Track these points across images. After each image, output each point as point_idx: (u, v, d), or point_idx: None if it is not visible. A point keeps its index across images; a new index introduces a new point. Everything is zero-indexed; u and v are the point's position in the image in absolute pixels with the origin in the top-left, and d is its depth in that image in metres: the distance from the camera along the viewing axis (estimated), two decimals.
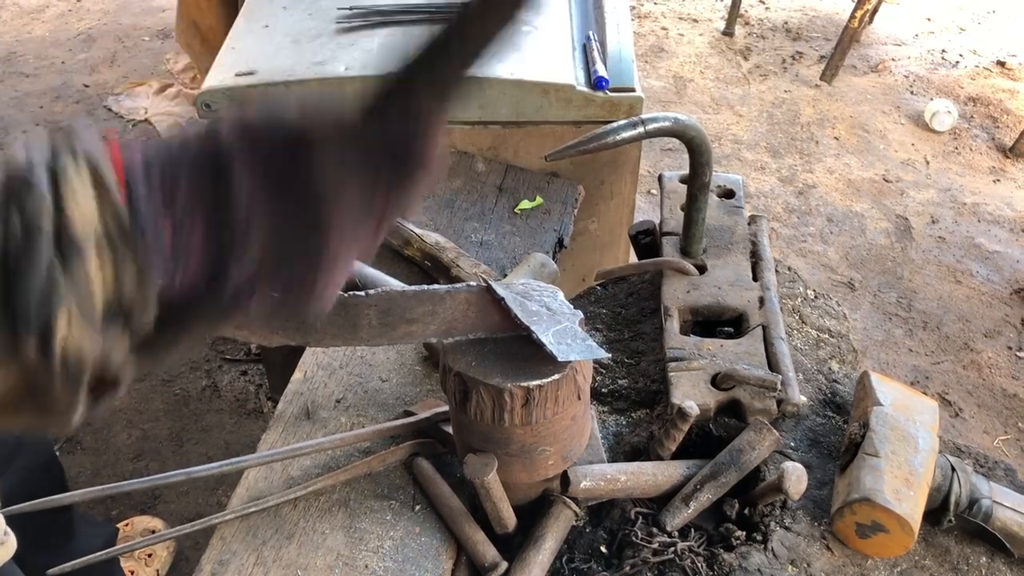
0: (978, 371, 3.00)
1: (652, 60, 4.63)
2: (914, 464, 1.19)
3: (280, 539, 1.18)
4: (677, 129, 1.40)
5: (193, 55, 3.69)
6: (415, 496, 1.25)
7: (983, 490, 1.21)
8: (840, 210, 3.69)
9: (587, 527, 1.23)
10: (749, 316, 1.46)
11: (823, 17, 5.09)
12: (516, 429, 1.07)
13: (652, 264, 1.57)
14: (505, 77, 1.97)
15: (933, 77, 4.57)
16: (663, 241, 1.61)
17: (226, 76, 2.00)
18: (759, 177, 3.83)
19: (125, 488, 1.17)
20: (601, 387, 1.44)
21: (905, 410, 1.26)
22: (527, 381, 1.04)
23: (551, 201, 1.89)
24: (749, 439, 1.23)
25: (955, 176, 3.91)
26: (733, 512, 1.23)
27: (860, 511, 1.14)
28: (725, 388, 1.34)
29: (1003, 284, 3.36)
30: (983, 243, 3.54)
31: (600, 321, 1.58)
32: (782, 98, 4.38)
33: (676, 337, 1.43)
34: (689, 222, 1.54)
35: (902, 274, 3.39)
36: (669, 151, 3.93)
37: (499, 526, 1.19)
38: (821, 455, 1.32)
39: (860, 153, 4.02)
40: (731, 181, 1.74)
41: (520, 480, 1.15)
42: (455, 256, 1.55)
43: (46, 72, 4.46)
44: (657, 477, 1.24)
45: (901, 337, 3.12)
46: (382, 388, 1.40)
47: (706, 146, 1.44)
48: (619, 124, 1.37)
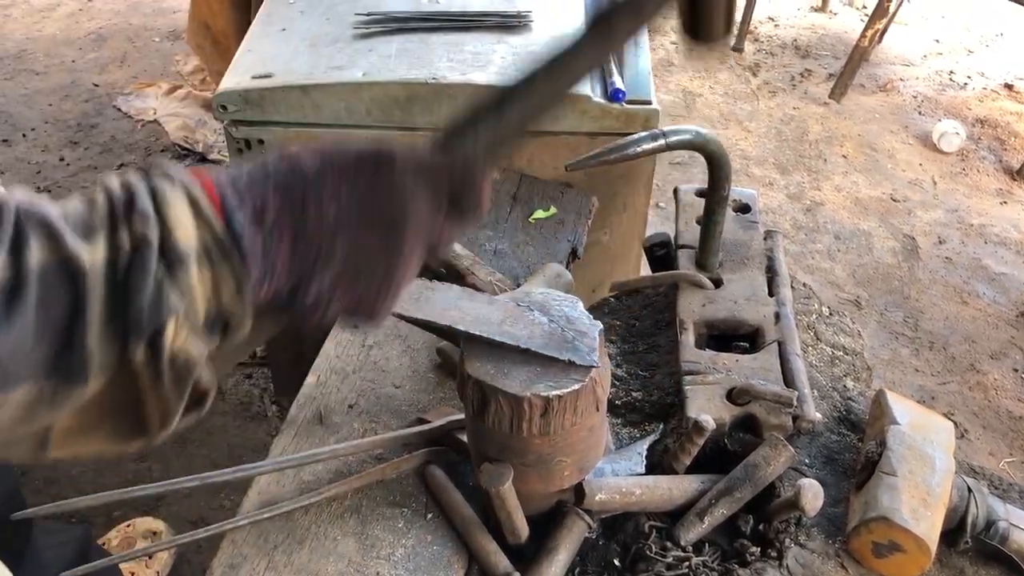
0: (984, 392, 2.99)
1: (661, 74, 4.64)
2: (931, 484, 1.18)
3: (291, 544, 1.17)
4: (698, 142, 1.40)
5: (203, 57, 3.70)
6: (427, 504, 1.24)
7: (999, 512, 1.21)
8: (847, 228, 3.69)
9: (600, 540, 1.23)
10: (765, 331, 1.45)
11: (832, 35, 5.10)
12: (534, 439, 1.07)
13: (668, 277, 1.57)
14: None
15: (941, 98, 4.57)
16: (678, 254, 1.61)
17: (242, 78, 2.00)
18: (767, 193, 3.83)
19: (136, 493, 1.16)
20: (615, 399, 1.43)
21: (922, 429, 1.26)
22: (546, 390, 1.03)
23: (565, 211, 1.89)
24: (764, 455, 1.23)
25: (962, 197, 3.91)
26: (748, 528, 1.23)
27: (877, 530, 1.14)
28: (740, 403, 1.33)
29: (1009, 306, 3.36)
30: (990, 264, 3.54)
31: (614, 333, 1.58)
32: (791, 115, 4.38)
33: (691, 350, 1.42)
34: (706, 235, 1.54)
35: (909, 293, 3.39)
36: (678, 165, 3.93)
37: (512, 536, 1.18)
38: (836, 472, 1.31)
39: (868, 172, 4.03)
40: (746, 196, 1.74)
41: (535, 490, 1.14)
42: (470, 264, 1.55)
43: (56, 70, 4.47)
44: (672, 491, 1.23)
45: (907, 356, 3.12)
46: (395, 394, 1.40)
47: (725, 160, 1.44)
48: (640, 136, 1.37)
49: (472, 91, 1.98)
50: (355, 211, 0.67)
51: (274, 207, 0.65)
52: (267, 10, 2.31)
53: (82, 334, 0.58)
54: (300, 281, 0.67)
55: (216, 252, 0.62)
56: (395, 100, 1.99)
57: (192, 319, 0.61)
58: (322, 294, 0.68)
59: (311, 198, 0.66)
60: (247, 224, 0.64)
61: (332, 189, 0.67)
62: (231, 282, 0.63)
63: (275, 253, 0.65)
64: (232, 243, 0.63)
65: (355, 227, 0.67)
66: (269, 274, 0.65)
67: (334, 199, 0.67)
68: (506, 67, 2.04)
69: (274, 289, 0.66)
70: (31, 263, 0.56)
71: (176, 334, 0.60)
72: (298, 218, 0.66)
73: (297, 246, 0.66)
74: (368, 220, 0.68)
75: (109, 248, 0.59)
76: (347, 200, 0.67)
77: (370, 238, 0.68)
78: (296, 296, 0.67)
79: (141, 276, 0.59)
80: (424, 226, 0.71)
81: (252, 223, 0.64)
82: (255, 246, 0.64)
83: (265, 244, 0.64)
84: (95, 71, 4.47)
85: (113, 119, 4.11)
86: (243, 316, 0.64)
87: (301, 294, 0.67)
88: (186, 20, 3.65)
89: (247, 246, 0.63)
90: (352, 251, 0.68)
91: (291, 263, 0.66)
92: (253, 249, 0.64)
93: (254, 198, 0.65)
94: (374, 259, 0.69)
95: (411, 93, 1.98)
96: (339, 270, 0.67)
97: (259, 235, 0.64)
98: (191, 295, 0.61)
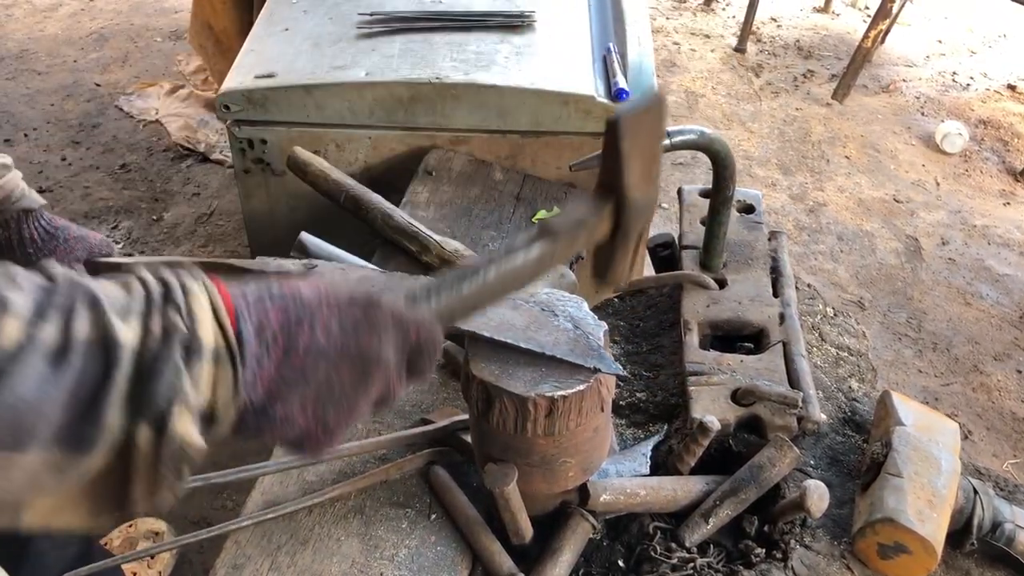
0: (987, 394, 2.98)
1: (664, 75, 4.63)
2: (937, 485, 1.18)
3: (295, 544, 1.17)
4: (703, 142, 1.40)
5: (205, 57, 3.70)
6: (431, 505, 1.24)
7: (1005, 514, 1.20)
8: (850, 229, 3.68)
9: (605, 541, 1.22)
10: (769, 332, 1.45)
11: (834, 36, 5.10)
12: (538, 439, 1.06)
13: (672, 277, 1.57)
14: (525, 87, 1.97)
15: (944, 99, 4.57)
16: (682, 255, 1.61)
17: (245, 78, 2.00)
18: (770, 194, 3.83)
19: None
20: (619, 400, 1.43)
21: (927, 431, 1.25)
22: (551, 391, 1.02)
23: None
24: (769, 456, 1.22)
25: (965, 198, 3.90)
26: (753, 529, 1.22)
27: (883, 531, 1.13)
28: (745, 404, 1.32)
29: (1012, 307, 3.35)
30: (993, 265, 3.54)
31: (618, 333, 1.57)
32: (793, 116, 4.38)
33: (696, 351, 1.42)
34: (710, 236, 1.53)
35: (912, 295, 3.38)
36: (680, 165, 3.93)
37: (516, 537, 1.18)
38: (841, 473, 1.31)
39: (870, 173, 4.02)
40: (750, 196, 1.74)
41: (539, 491, 1.14)
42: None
43: (58, 70, 4.46)
44: (676, 492, 1.22)
45: (911, 358, 3.11)
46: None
47: (730, 160, 1.43)
48: None
49: (475, 91, 1.97)
50: (339, 344, 0.73)
51: (273, 324, 0.71)
52: (269, 10, 2.30)
53: (103, 407, 0.61)
54: (274, 396, 0.71)
55: (224, 354, 0.67)
56: (398, 100, 1.99)
57: (194, 409, 0.65)
58: (289, 412, 0.72)
59: (305, 324, 0.72)
60: (251, 335, 0.69)
61: (324, 320, 0.73)
62: (230, 383, 0.67)
63: (264, 366, 0.70)
64: (238, 349, 0.68)
65: (335, 359, 0.73)
66: (254, 382, 0.70)
67: (324, 330, 0.73)
68: (509, 67, 2.03)
69: (250, 399, 0.70)
70: (79, 333, 0.61)
71: (181, 419, 0.64)
72: (291, 339, 0.71)
73: (284, 364, 0.71)
74: (347, 356, 0.74)
75: (143, 330, 0.64)
76: (335, 333, 0.73)
77: (344, 372, 0.74)
78: (265, 410, 0.71)
79: (165, 361, 0.63)
80: (387, 373, 0.77)
81: (254, 335, 0.70)
82: (252, 356, 0.69)
83: (259, 356, 0.70)
84: (97, 71, 4.47)
85: (115, 119, 4.11)
86: (228, 416, 0.69)
87: (271, 408, 0.71)
88: (188, 20, 3.65)
89: (248, 354, 0.69)
90: (327, 379, 0.73)
91: (274, 378, 0.71)
92: (251, 358, 0.69)
93: (258, 312, 0.71)
94: (342, 392, 0.74)
95: (414, 93, 1.98)
96: (311, 394, 0.73)
97: (258, 347, 0.70)
98: (199, 387, 0.65)
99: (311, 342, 0.72)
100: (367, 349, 0.75)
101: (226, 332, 0.68)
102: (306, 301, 0.74)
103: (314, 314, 0.73)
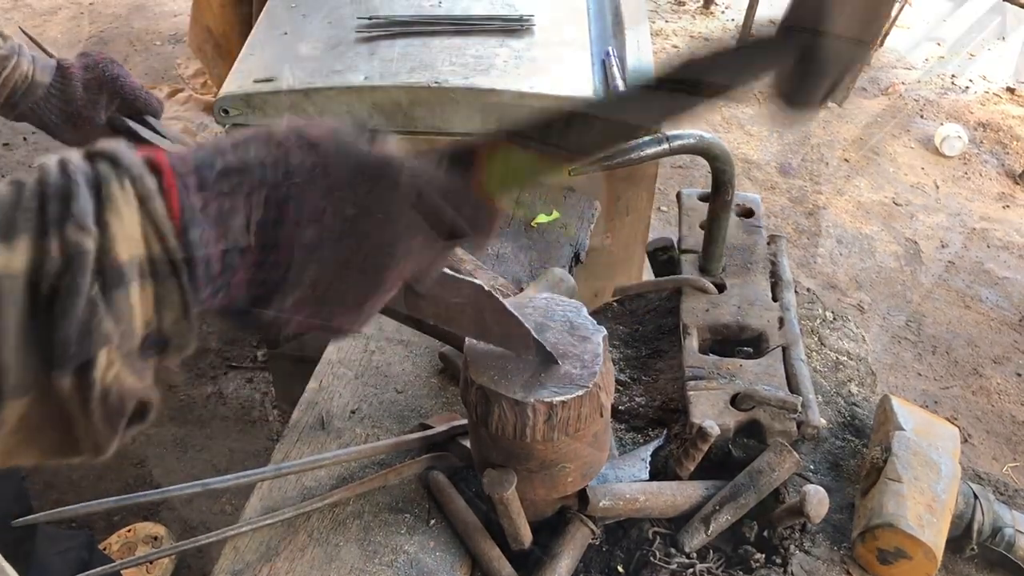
0: (987, 397, 2.98)
1: None
2: (937, 490, 1.17)
3: (294, 550, 1.16)
4: (701, 146, 1.39)
5: (205, 60, 3.70)
6: (430, 510, 1.23)
7: (1006, 519, 1.20)
8: (850, 232, 3.68)
9: (604, 546, 1.22)
10: (769, 336, 1.45)
11: None
12: (537, 445, 1.06)
13: (671, 281, 1.56)
14: (524, 90, 1.97)
15: (943, 102, 4.57)
16: (682, 259, 1.60)
17: (244, 82, 2.00)
18: (769, 197, 3.83)
19: (139, 499, 1.16)
20: (619, 404, 1.42)
21: (927, 435, 1.25)
22: (550, 396, 1.02)
23: (568, 215, 1.88)
24: (769, 460, 1.22)
25: (964, 201, 3.91)
26: (752, 534, 1.22)
27: (883, 537, 1.13)
28: (745, 408, 1.32)
29: (1012, 310, 3.35)
30: (992, 268, 3.54)
31: (617, 337, 1.57)
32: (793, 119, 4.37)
33: (695, 355, 1.41)
34: (710, 240, 1.53)
35: (911, 298, 3.38)
36: (679, 168, 3.93)
37: (515, 542, 1.18)
38: (840, 478, 1.31)
39: (870, 176, 4.02)
40: (750, 200, 1.74)
41: (539, 497, 1.14)
42: (473, 268, 1.54)
43: None
44: (676, 497, 1.22)
45: (910, 361, 3.11)
46: (397, 399, 1.39)
47: (730, 164, 1.43)
48: (644, 140, 1.36)
49: (475, 95, 1.97)
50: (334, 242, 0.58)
51: (243, 214, 0.55)
52: (269, 14, 2.30)
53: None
54: (257, 300, 0.59)
55: (164, 268, 0.52)
56: (397, 104, 1.99)
57: (128, 346, 0.52)
58: (281, 314, 0.59)
59: (289, 213, 0.56)
60: (207, 235, 0.54)
61: (315, 206, 0.57)
62: (176, 304, 0.53)
63: (233, 271, 0.56)
64: (184, 259, 0.53)
65: (330, 261, 0.58)
66: (224, 291, 0.56)
67: (315, 220, 0.57)
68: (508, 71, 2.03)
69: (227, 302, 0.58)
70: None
71: (108, 366, 0.51)
72: (268, 234, 0.56)
73: (260, 267, 0.57)
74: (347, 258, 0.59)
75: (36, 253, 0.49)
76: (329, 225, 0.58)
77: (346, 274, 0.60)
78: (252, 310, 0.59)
79: (70, 297, 0.48)
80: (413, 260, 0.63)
81: (214, 233, 0.54)
82: (212, 263, 0.54)
83: (225, 260, 0.55)
84: None
85: None
86: (186, 339, 0.55)
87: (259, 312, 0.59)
88: (187, 24, 3.65)
89: (200, 265, 0.54)
90: (321, 281, 0.59)
91: (250, 283, 0.58)
92: (208, 267, 0.54)
93: (222, 199, 0.55)
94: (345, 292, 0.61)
95: (413, 97, 1.98)
96: (303, 295, 0.59)
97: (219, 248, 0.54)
98: (128, 320, 0.51)
99: (296, 237, 0.57)
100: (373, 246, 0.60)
101: (165, 240, 0.52)
102: (294, 174, 0.56)
103: (303, 198, 0.56)
